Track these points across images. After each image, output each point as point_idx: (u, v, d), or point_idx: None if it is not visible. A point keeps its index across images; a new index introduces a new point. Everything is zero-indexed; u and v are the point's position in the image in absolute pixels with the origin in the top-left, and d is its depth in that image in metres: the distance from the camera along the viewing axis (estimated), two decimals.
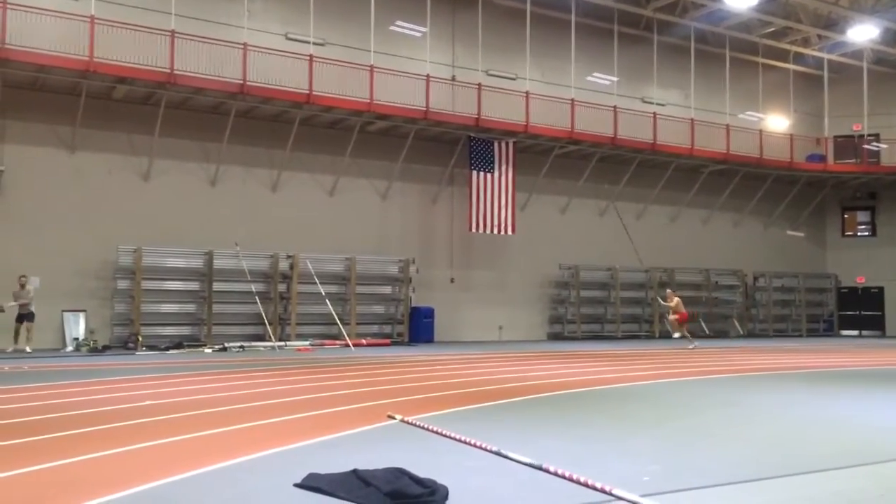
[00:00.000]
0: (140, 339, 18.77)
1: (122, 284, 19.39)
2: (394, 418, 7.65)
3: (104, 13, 18.32)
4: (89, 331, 18.85)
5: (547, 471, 5.22)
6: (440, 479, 4.71)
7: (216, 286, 20.38)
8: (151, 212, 20.05)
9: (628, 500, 4.46)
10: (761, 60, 29.36)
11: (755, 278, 30.59)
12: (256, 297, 20.29)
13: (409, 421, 7.45)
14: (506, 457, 5.72)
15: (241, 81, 19.70)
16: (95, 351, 17.88)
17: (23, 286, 17.61)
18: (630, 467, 5.56)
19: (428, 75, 22.55)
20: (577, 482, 4.90)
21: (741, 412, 8.82)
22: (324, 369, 13.56)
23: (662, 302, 22.07)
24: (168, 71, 18.72)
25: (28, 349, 17.25)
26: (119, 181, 19.91)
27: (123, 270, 19.43)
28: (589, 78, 26.67)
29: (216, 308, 20.43)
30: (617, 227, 24.62)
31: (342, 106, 21.29)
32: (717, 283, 29.47)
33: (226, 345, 19.08)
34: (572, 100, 24.79)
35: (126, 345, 18.87)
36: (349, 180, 22.96)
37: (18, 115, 18.65)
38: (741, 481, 5.17)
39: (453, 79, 24.12)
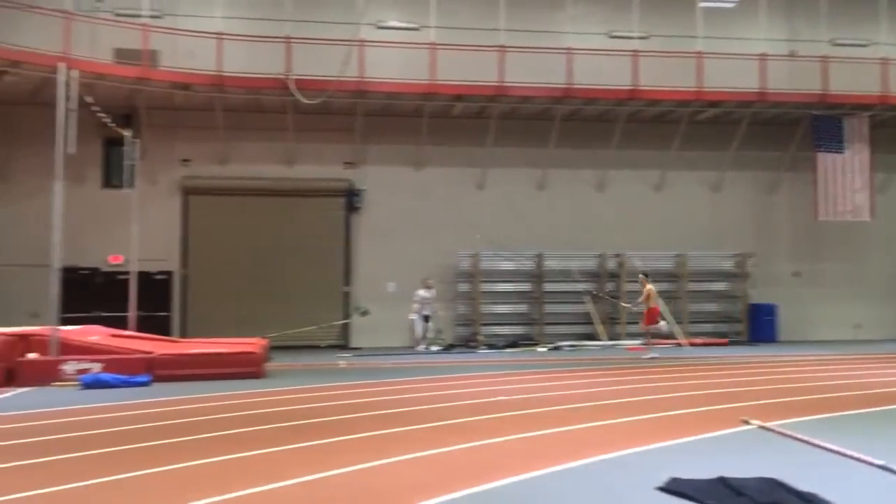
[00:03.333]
0: (480, 338, 20.08)
1: (463, 287, 20.92)
2: (749, 423, 7.19)
3: (441, 38, 19.93)
4: (437, 331, 20.61)
5: None
6: (819, 494, 4.31)
7: (546, 286, 21.05)
8: (486, 218, 21.32)
9: None
10: None
11: None
12: (585, 297, 20.55)
13: (770, 427, 6.94)
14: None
15: (566, 85, 20.13)
16: (443, 349, 19.50)
17: (428, 288, 19.62)
18: None
19: (762, 54, 20.99)
20: None
21: None
22: (659, 369, 13.25)
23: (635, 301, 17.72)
24: (498, 84, 19.83)
25: (432, 348, 19.05)
26: (457, 191, 21.51)
27: (463, 274, 20.94)
28: None
29: (547, 308, 21.10)
30: None
31: (668, 98, 20.71)
32: None
33: (558, 343, 19.61)
34: None
35: (468, 343, 20.28)
36: (676, 174, 22.20)
37: (374, 140, 21.08)
38: None
39: (792, 54, 22.11)
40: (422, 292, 19.44)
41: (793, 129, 22.05)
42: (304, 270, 20.54)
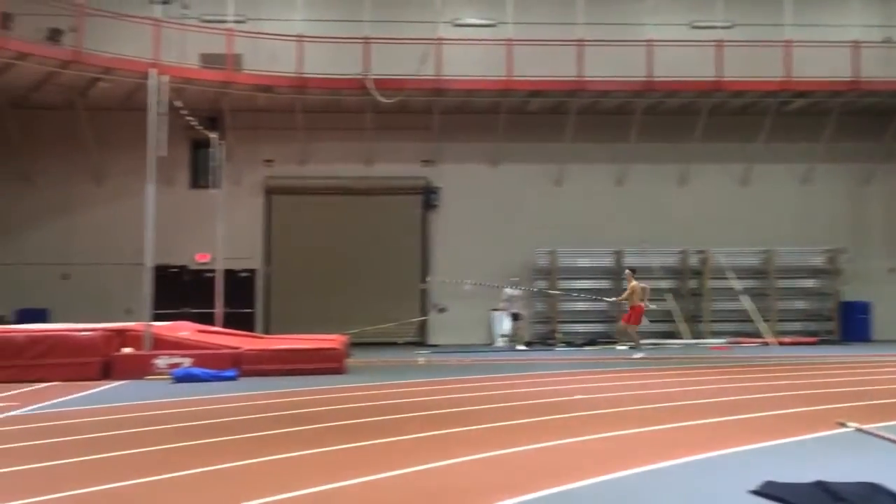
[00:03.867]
0: (558, 335, 19.89)
1: (540, 285, 20.76)
2: (846, 426, 6.88)
3: (518, 34, 19.82)
4: (514, 328, 20.51)
5: None
6: None
7: (625, 284, 20.62)
8: (564, 215, 21.11)
9: None
10: None
11: None
12: (667, 294, 20.10)
13: (868, 430, 6.62)
14: None
15: (647, 78, 19.73)
16: (522, 347, 19.38)
17: (515, 286, 19.34)
18: None
19: (855, 41, 20.09)
20: None
21: None
22: (746, 369, 12.84)
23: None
24: (577, 79, 19.60)
25: (519, 346, 18.65)
26: (535, 188, 21.36)
27: (541, 271, 20.80)
28: None
29: (626, 305, 20.68)
30: None
31: (754, 88, 20.06)
32: None
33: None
34: None
35: (545, 341, 20.12)
36: (763, 167, 21.46)
37: (451, 137, 21.14)
38: None
39: (888, 41, 21.08)
40: (509, 290, 19.19)
41: (888, 119, 21.03)
42: (381, 268, 20.81)
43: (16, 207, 20.03)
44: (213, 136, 17.30)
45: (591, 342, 19.60)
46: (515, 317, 19.15)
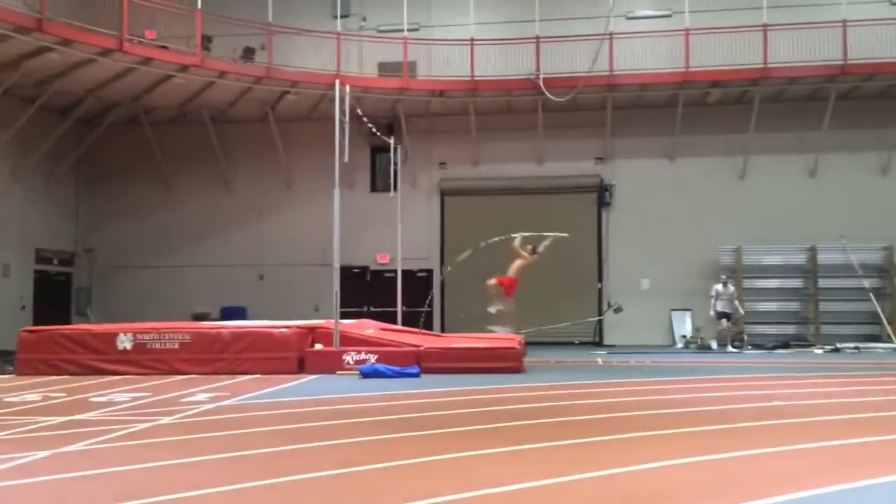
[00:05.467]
0: (745, 337, 18.82)
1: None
2: None
3: (695, 23, 18.99)
4: (696, 329, 19.69)
5: None
6: None
7: (821, 282, 19.20)
8: (748, 210, 19.98)
9: None
10: None
11: None
12: (870, 294, 18.45)
13: None
14: None
15: (841, 62, 18.24)
16: (703, 348, 18.56)
17: (725, 283, 18.18)
18: None
19: None
20: None
21: None
22: None
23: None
24: (761, 66, 18.48)
25: (729, 348, 17.73)
26: (715, 182, 20.38)
27: (725, 270, 19.77)
28: None
29: (822, 306, 19.23)
30: None
31: None
32: None
33: (837, 345, 17.77)
34: None
35: (732, 343, 19.09)
36: None
37: (625, 133, 20.64)
38: None
39: None
40: (718, 287, 18.25)
41: None
42: (555, 267, 20.60)
43: (217, 213, 21.84)
44: (390, 141, 17.96)
45: (785, 345, 18.38)
46: (726, 316, 18.06)
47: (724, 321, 18.09)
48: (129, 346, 12.48)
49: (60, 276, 21.38)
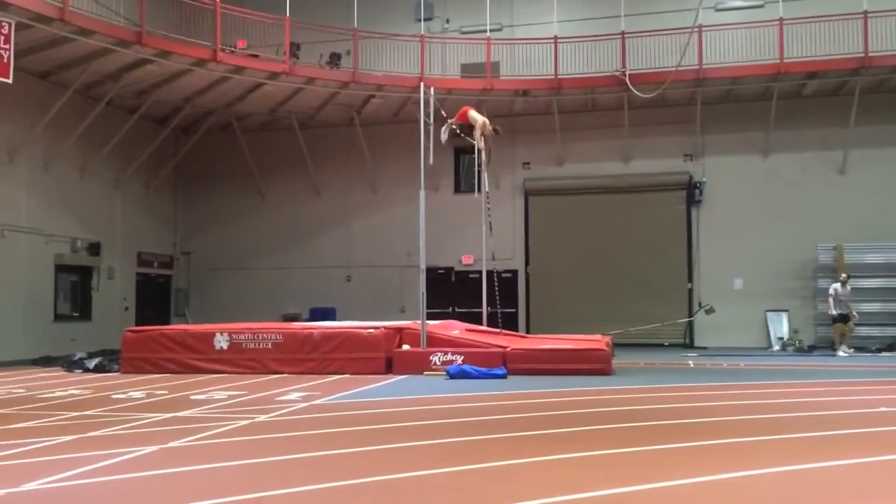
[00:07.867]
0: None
1: (824, 283, 18.87)
2: None
3: (789, 13, 18.26)
4: (793, 330, 18.93)
5: None
6: None
7: None
8: (849, 206, 19.08)
9: None
10: None
11: None
12: None
13: None
14: None
15: None
16: (801, 351, 17.82)
17: (844, 283, 17.20)
18: None
19: None
20: None
21: None
22: None
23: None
24: (862, 55, 17.60)
25: (841, 352, 16.70)
26: (813, 178, 19.55)
27: (824, 269, 18.94)
28: None
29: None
30: None
31: None
32: None
33: None
34: None
35: (832, 346, 18.25)
36: None
37: (715, 129, 20.03)
38: None
39: None
40: (837, 286, 17.28)
41: None
42: (643, 267, 20.25)
43: (306, 217, 22.38)
44: (474, 142, 17.94)
45: (890, 347, 17.46)
46: (844, 318, 17.07)
47: (843, 323, 16.96)
48: (225, 346, 12.94)
49: (160, 279, 22.38)
